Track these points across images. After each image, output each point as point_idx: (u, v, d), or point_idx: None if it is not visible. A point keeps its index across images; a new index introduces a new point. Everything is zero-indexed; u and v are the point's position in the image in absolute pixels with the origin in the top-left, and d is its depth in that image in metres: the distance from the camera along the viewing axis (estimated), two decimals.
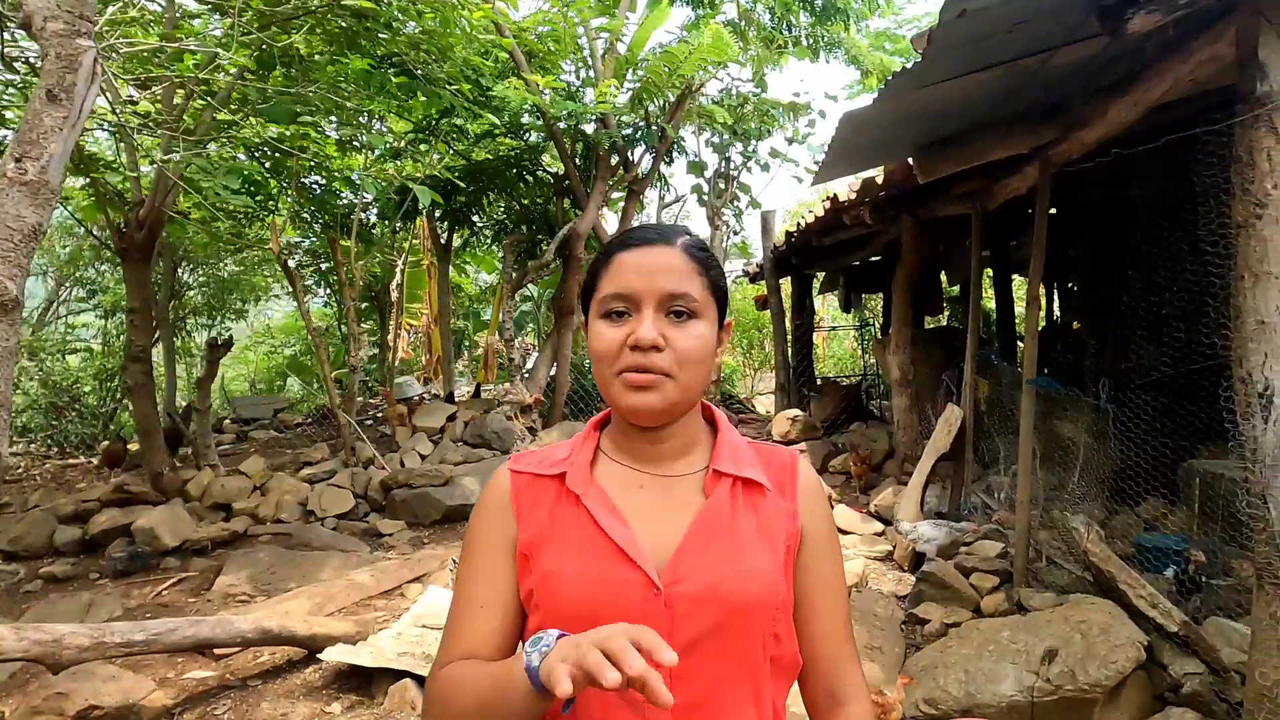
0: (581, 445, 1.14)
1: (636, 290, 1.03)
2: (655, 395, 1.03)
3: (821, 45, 9.61)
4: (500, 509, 1.10)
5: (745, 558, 1.04)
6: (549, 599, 1.02)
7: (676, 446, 1.12)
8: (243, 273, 12.28)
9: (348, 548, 5.64)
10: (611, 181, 7.61)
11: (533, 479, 1.11)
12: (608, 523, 1.04)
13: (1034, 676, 3.07)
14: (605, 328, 1.05)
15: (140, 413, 6.17)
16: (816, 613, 1.12)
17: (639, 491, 1.09)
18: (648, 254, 1.06)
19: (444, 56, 5.57)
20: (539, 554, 1.05)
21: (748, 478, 1.10)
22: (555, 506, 1.08)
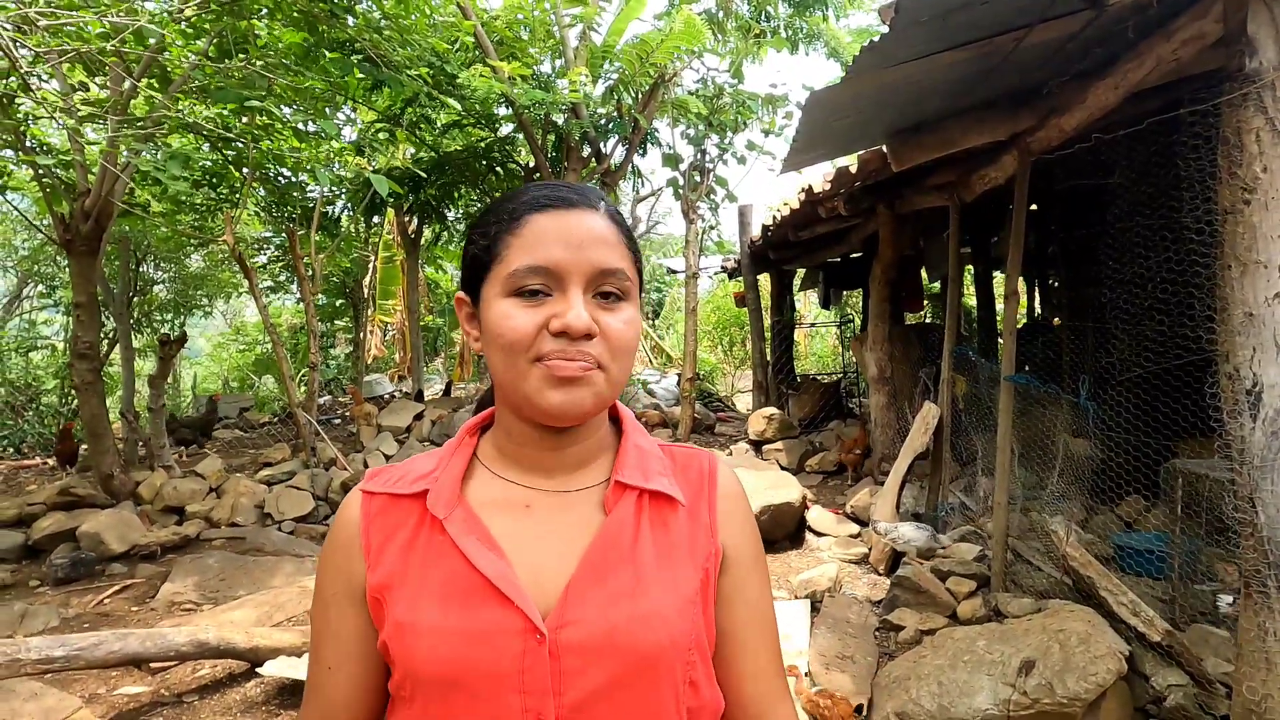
0: (452, 455, 0.92)
1: (561, 264, 0.83)
2: (586, 391, 0.83)
3: (800, 37, 9.44)
4: (347, 543, 0.88)
5: (651, 592, 0.84)
6: (405, 657, 0.81)
7: (578, 454, 0.91)
8: (209, 268, 11.99)
9: (303, 552, 5.42)
10: (583, 173, 7.40)
11: (389, 501, 0.89)
12: (477, 553, 0.83)
13: (1010, 689, 2.91)
14: (516, 308, 0.83)
15: (88, 412, 5.91)
16: (743, 647, 0.92)
17: (524, 512, 0.88)
18: (571, 219, 0.84)
19: (405, 40, 5.35)
20: (391, 599, 0.84)
21: (656, 490, 0.90)
22: (415, 536, 0.86)
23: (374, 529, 0.88)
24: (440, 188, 8.03)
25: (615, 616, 0.81)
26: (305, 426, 6.40)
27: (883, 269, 6.26)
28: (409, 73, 5.40)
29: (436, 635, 0.80)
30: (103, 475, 6.00)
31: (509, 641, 0.79)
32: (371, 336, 11.70)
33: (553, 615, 0.81)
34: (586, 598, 0.82)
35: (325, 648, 0.89)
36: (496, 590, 0.81)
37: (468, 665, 0.79)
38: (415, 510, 0.88)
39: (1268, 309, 2.43)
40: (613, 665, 0.81)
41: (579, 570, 0.83)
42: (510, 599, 0.80)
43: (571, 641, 0.80)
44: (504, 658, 0.79)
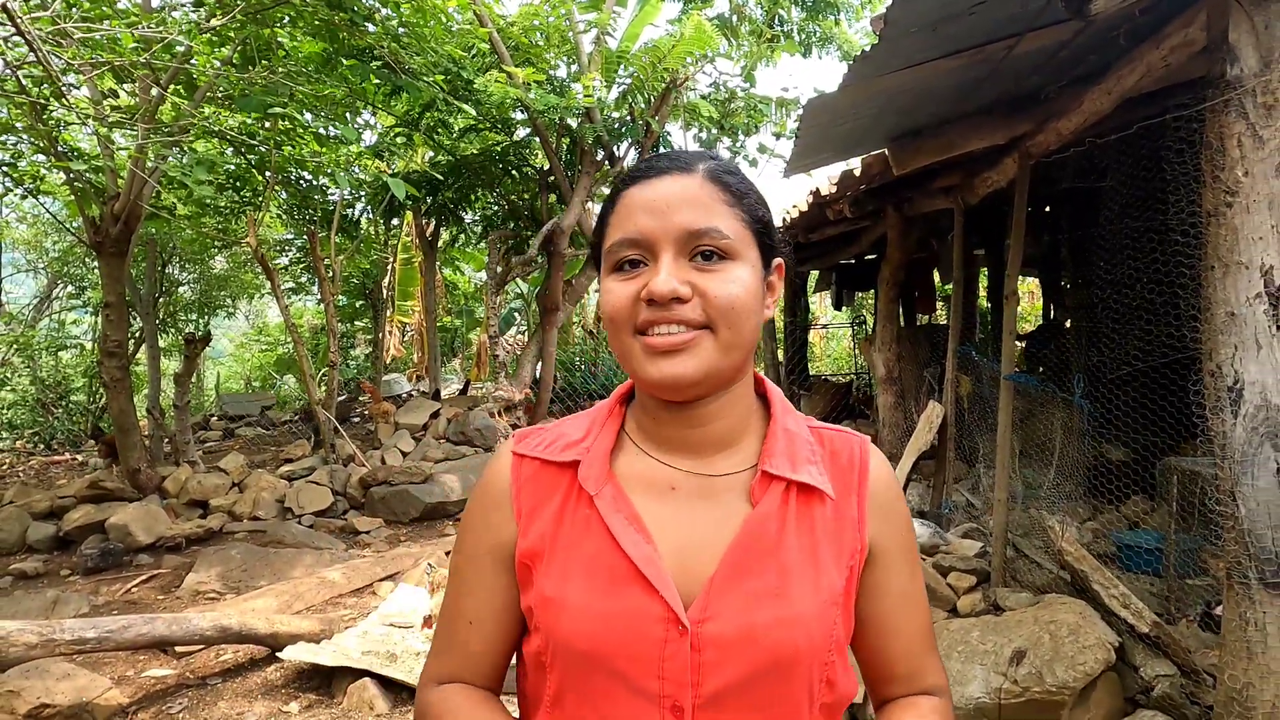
0: (602, 427, 0.92)
1: (649, 232, 0.81)
2: (688, 360, 0.80)
3: (813, 40, 9.52)
4: (498, 503, 0.90)
5: (793, 594, 0.83)
6: (550, 629, 0.83)
7: (719, 433, 0.88)
8: (232, 269, 12.24)
9: (322, 545, 5.58)
10: (597, 176, 7.53)
11: (540, 466, 0.90)
12: (624, 534, 0.83)
13: (1002, 678, 3.00)
14: (615, 282, 0.83)
15: (116, 409, 6.11)
16: (892, 631, 0.92)
17: (669, 494, 0.87)
18: (660, 185, 0.83)
19: (422, 48, 5.50)
20: (540, 569, 0.85)
21: (805, 483, 0.87)
22: (564, 507, 0.87)
23: (525, 493, 0.89)
24: (457, 190, 8.19)
25: (757, 617, 0.81)
26: (325, 424, 6.57)
27: (891, 271, 6.33)
28: (426, 79, 5.55)
29: (581, 614, 0.81)
30: (130, 470, 6.19)
31: (651, 628, 0.80)
32: (390, 337, 11.89)
33: (695, 608, 0.81)
34: (729, 595, 0.81)
35: (467, 601, 0.90)
36: (641, 575, 0.81)
37: (610, 647, 0.80)
38: (565, 479, 0.88)
39: (1249, 309, 2.50)
40: (751, 662, 0.80)
41: (722, 566, 0.83)
42: (655, 587, 0.80)
43: (712, 636, 0.80)
44: (645, 644, 0.80)
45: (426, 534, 6.05)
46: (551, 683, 0.84)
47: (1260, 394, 2.47)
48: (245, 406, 10.83)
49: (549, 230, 7.10)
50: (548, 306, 7.65)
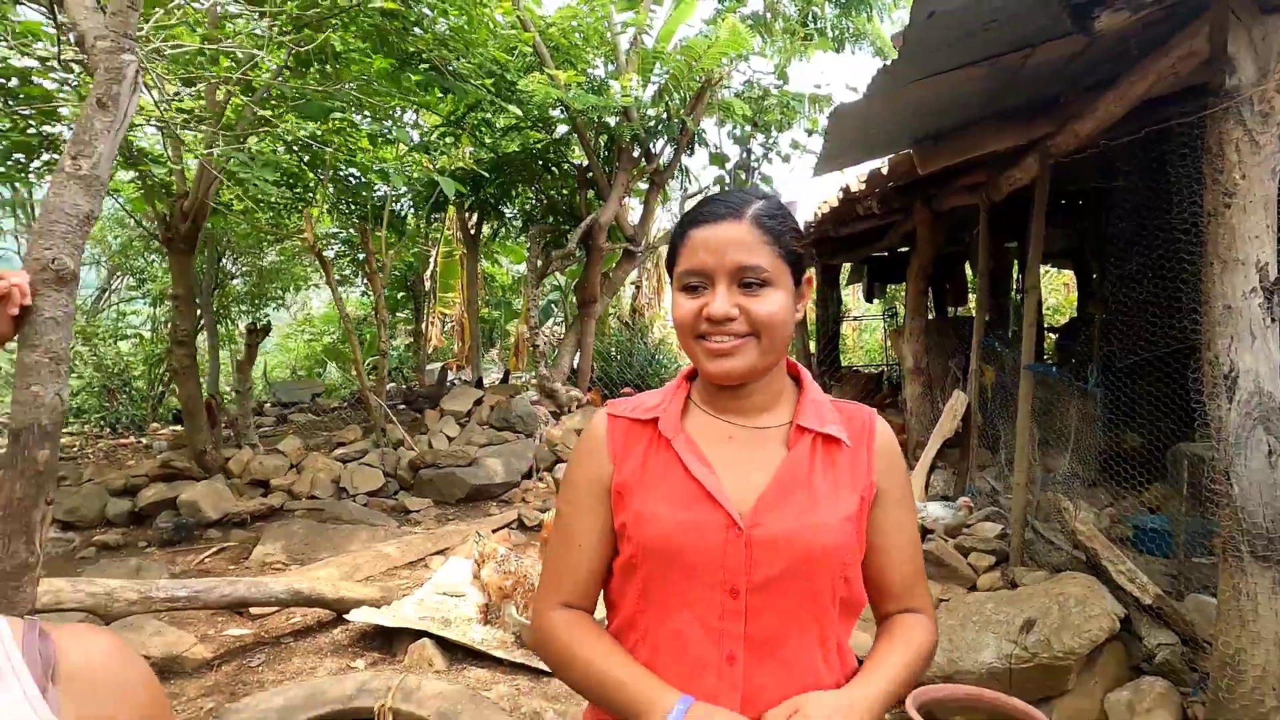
0: (673, 395, 1.23)
1: (708, 266, 1.11)
2: (736, 360, 1.11)
3: (846, 36, 9.67)
4: (597, 450, 1.21)
5: (820, 510, 1.12)
6: (640, 535, 1.12)
7: (760, 402, 1.19)
8: (283, 262, 12.72)
9: (376, 522, 5.94)
10: (634, 173, 7.79)
11: (629, 423, 1.21)
12: (695, 468, 1.13)
13: (1013, 645, 3.22)
14: (683, 299, 1.14)
15: (184, 394, 6.53)
16: (890, 554, 1.21)
17: (726, 441, 1.18)
18: (717, 230, 1.12)
19: (469, 52, 5.80)
20: (632, 494, 1.15)
21: (829, 434, 1.17)
22: (648, 450, 1.18)
23: (617, 441, 1.20)
24: (498, 186, 8.50)
25: (793, 524, 1.10)
26: (376, 409, 6.94)
27: (920, 264, 6.52)
28: (473, 82, 5.86)
29: (663, 522, 1.11)
30: (197, 451, 6.62)
31: (715, 532, 1.09)
32: (432, 327, 12.28)
33: (747, 517, 1.10)
34: (773, 509, 1.11)
35: (576, 528, 1.20)
36: (708, 494, 1.11)
37: (684, 545, 1.10)
38: (648, 432, 1.19)
39: (1244, 302, 2.70)
40: (788, 557, 1.09)
41: (768, 489, 1.12)
42: (719, 503, 1.10)
43: (761, 538, 1.09)
44: (711, 542, 1.09)
45: (472, 514, 6.39)
46: (639, 580, 1.15)
47: (1254, 381, 2.67)
48: (296, 394, 11.32)
49: (588, 225, 7.38)
50: (586, 299, 7.94)
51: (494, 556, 4.24)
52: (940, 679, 3.31)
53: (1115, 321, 4.67)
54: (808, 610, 1.12)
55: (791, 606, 1.11)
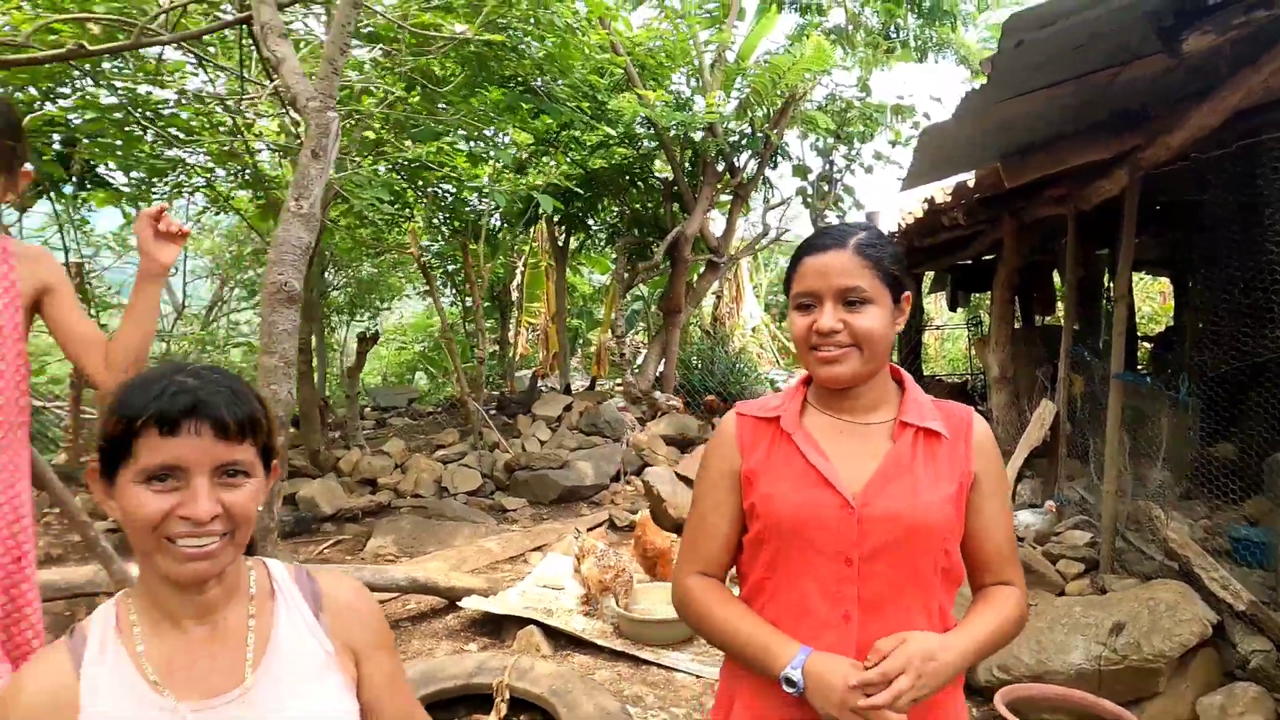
0: (792, 397, 1.46)
1: (816, 289, 1.33)
2: (842, 367, 1.32)
3: (930, 46, 9.69)
4: (729, 443, 1.44)
5: (922, 492, 1.32)
6: (767, 513, 1.36)
7: (866, 402, 1.40)
8: (379, 274, 13.40)
9: (477, 520, 6.31)
10: (718, 186, 8.01)
11: (755, 421, 1.45)
12: (813, 457, 1.36)
13: (1102, 647, 3.30)
14: (797, 316, 1.37)
15: (301, 397, 7.05)
16: (986, 533, 1.40)
17: (838, 435, 1.39)
18: (824, 258, 1.34)
19: (564, 76, 6.14)
20: (759, 479, 1.39)
21: (929, 428, 1.37)
22: (772, 443, 1.41)
23: (745, 436, 1.43)
24: (586, 200, 8.85)
25: (898, 503, 1.31)
26: (474, 414, 7.34)
27: (1006, 274, 6.53)
28: (570, 105, 6.20)
29: (787, 502, 1.34)
30: (311, 450, 7.13)
31: (831, 510, 1.32)
32: (519, 336, 12.75)
33: (858, 498, 1.31)
34: (880, 490, 1.32)
35: (710, 509, 1.44)
36: (824, 479, 1.33)
37: (805, 521, 1.32)
38: (771, 428, 1.43)
39: None
40: (894, 531, 1.30)
41: (876, 474, 1.33)
42: (833, 486, 1.32)
43: (870, 515, 1.30)
44: (827, 519, 1.31)
45: (564, 514, 6.70)
46: (766, 551, 1.39)
47: None
48: (393, 399, 11.92)
49: (673, 237, 7.64)
50: (671, 308, 8.20)
51: (593, 552, 4.51)
52: (1028, 679, 3.41)
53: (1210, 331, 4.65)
54: (912, 577, 1.32)
55: (898, 574, 1.31)
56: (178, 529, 1.01)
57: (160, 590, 1.07)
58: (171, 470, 1.01)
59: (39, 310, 1.75)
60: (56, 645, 1.07)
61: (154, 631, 1.08)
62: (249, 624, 1.12)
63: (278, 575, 1.19)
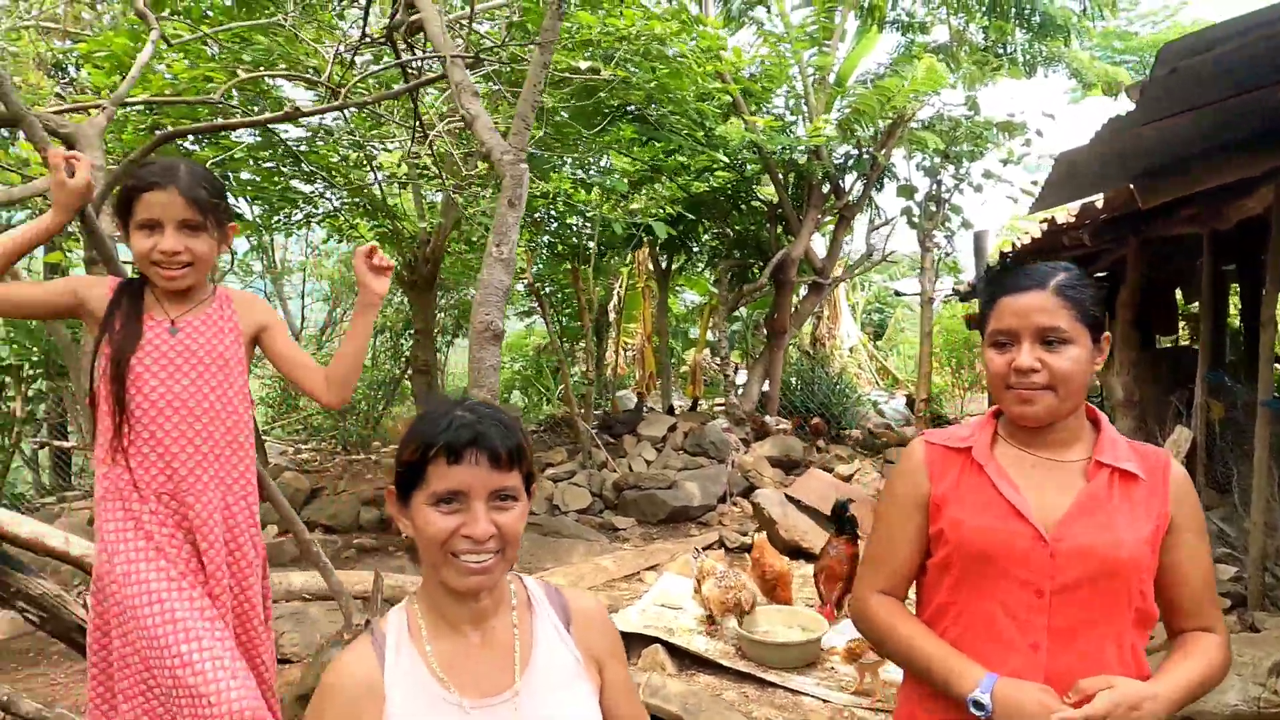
0: (982, 428, 1.49)
1: (1014, 328, 1.37)
2: (1038, 406, 1.36)
3: (1039, 61, 9.47)
4: (916, 470, 1.49)
5: (1117, 530, 1.33)
6: (955, 538, 1.40)
7: (1060, 439, 1.43)
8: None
9: (590, 537, 6.47)
10: (823, 208, 8.03)
11: (944, 450, 1.49)
12: (1005, 489, 1.39)
13: (1260, 688, 3.16)
14: (994, 354, 1.41)
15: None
16: (1182, 575, 1.40)
17: (1029, 470, 1.42)
18: (1022, 299, 1.37)
19: (677, 106, 6.31)
20: (948, 506, 1.43)
21: (1125, 469, 1.38)
22: (962, 472, 1.45)
23: (935, 463, 1.48)
24: (688, 223, 8.99)
25: (1093, 540, 1.33)
26: (584, 433, 7.54)
27: (1129, 294, 6.31)
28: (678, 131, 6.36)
29: (978, 530, 1.38)
30: None
31: (1024, 542, 1.35)
32: (616, 356, 12.97)
33: (1052, 531, 1.34)
34: (1075, 526, 1.35)
35: (895, 532, 1.49)
36: (1016, 511, 1.37)
37: (996, 550, 1.36)
38: (960, 457, 1.47)
39: None
40: (1088, 567, 1.32)
41: (1071, 510, 1.36)
42: (1026, 518, 1.36)
43: (1065, 550, 1.33)
44: (1020, 550, 1.35)
45: (673, 534, 6.79)
46: (952, 576, 1.44)
47: None
48: None
49: (779, 259, 7.69)
50: (775, 330, 8.23)
51: (713, 573, 4.58)
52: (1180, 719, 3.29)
53: None
54: (1104, 614, 1.35)
55: (1090, 609, 1.33)
56: (461, 546, 1.16)
57: (442, 598, 1.22)
58: (456, 494, 1.16)
59: (259, 345, 2.00)
60: (362, 640, 1.24)
61: (437, 634, 1.23)
62: (514, 632, 1.26)
63: (531, 588, 1.34)
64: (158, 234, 1.75)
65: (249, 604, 1.90)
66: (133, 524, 1.73)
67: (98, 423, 1.78)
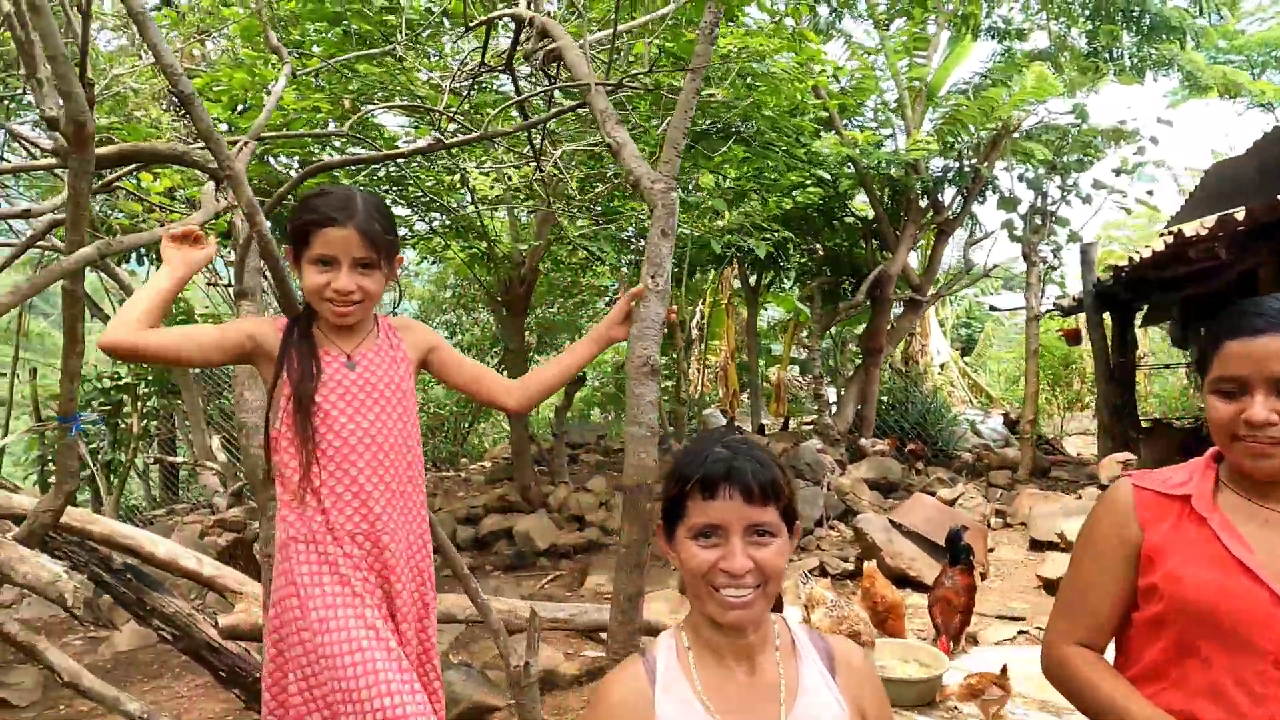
0: (1202, 474, 1.37)
1: (1243, 375, 1.24)
2: (1275, 460, 1.23)
3: (1148, 65, 9.03)
4: (1124, 515, 1.37)
5: None
6: (1174, 595, 1.28)
7: None
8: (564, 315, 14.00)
9: None
10: (921, 223, 7.81)
11: (1156, 496, 1.36)
12: (1234, 546, 1.26)
13: None
14: (1219, 403, 1.28)
15: (515, 434, 7.46)
16: None
17: (1261, 524, 1.28)
18: (1256, 342, 1.24)
19: (776, 123, 6.22)
20: (1164, 558, 1.31)
21: None
22: (1179, 522, 1.33)
23: (1146, 510, 1.35)
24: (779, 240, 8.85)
25: None
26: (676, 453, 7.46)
27: None
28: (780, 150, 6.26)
29: (1202, 589, 1.25)
30: (523, 486, 7.49)
31: (1261, 606, 1.21)
32: (700, 374, 12.89)
33: None
34: None
35: (1096, 580, 1.39)
36: (1247, 570, 1.23)
37: (1224, 613, 1.23)
38: (1176, 505, 1.34)
39: None
40: None
41: None
42: (1261, 580, 1.22)
43: None
44: (1254, 615, 1.21)
45: None
46: (1168, 636, 1.31)
47: None
48: (584, 435, 12.35)
49: (876, 276, 7.50)
50: (871, 348, 8.02)
51: (823, 602, 4.42)
52: None
53: None
54: None
55: None
56: (719, 579, 1.18)
57: (708, 630, 1.24)
58: (713, 528, 1.19)
59: (426, 367, 1.96)
60: (635, 660, 1.29)
61: (703, 664, 1.25)
62: (779, 671, 1.25)
63: (796, 631, 1.33)
64: (333, 270, 1.71)
65: (428, 649, 1.85)
66: (327, 568, 1.67)
67: (279, 465, 1.74)
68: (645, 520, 1.79)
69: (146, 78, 7.28)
